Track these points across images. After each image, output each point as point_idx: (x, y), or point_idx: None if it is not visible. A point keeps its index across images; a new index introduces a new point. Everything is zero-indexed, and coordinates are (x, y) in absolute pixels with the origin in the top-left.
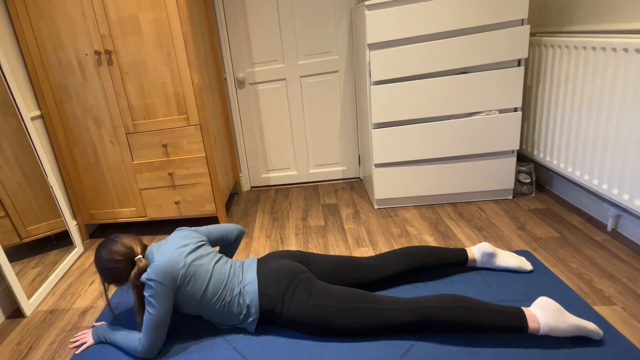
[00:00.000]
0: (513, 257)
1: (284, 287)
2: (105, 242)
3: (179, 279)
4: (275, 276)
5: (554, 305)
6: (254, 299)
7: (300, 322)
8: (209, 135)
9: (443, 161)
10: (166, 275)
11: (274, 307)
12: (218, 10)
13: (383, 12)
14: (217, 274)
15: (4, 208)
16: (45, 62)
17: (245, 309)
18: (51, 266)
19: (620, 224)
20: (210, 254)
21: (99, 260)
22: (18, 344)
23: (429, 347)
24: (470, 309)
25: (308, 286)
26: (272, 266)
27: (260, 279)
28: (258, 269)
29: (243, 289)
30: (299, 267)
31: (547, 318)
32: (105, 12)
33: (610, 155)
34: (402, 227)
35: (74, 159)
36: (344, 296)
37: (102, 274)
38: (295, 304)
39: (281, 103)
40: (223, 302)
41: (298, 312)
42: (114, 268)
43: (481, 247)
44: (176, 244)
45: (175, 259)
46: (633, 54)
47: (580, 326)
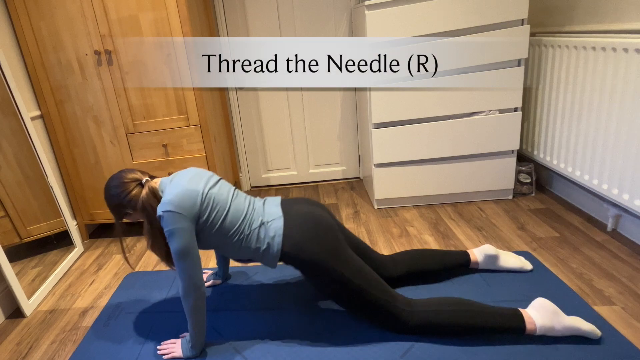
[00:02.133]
0: (514, 258)
1: (312, 232)
2: (112, 176)
3: (197, 207)
4: (304, 220)
5: (549, 306)
6: (277, 236)
7: (316, 272)
8: (209, 135)
9: (443, 161)
10: (184, 205)
11: (297, 250)
12: (218, 10)
13: (383, 12)
14: (235, 205)
15: (4, 208)
16: (45, 62)
17: (266, 245)
18: (51, 266)
19: (620, 224)
20: (227, 186)
21: (108, 189)
22: (18, 344)
23: (429, 347)
24: (470, 312)
25: (339, 245)
26: (303, 209)
27: (287, 218)
28: (283, 208)
29: (266, 224)
30: (331, 221)
31: (543, 319)
32: (105, 12)
33: (610, 155)
34: (402, 227)
35: (74, 159)
36: (368, 274)
37: (113, 205)
38: (319, 253)
39: (281, 103)
40: (241, 236)
41: (317, 264)
42: (123, 192)
43: (484, 249)
44: (191, 173)
45: (193, 187)
46: (633, 54)
47: (574, 327)
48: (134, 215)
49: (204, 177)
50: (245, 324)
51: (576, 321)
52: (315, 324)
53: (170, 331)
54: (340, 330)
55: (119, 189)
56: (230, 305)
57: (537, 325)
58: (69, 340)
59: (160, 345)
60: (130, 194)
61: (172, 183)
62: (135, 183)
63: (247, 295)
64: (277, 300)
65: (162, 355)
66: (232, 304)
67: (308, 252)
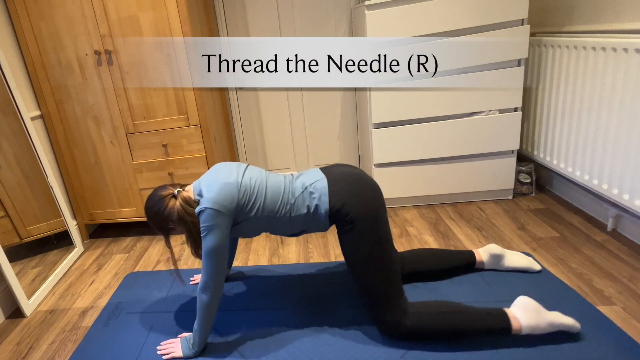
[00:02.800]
0: (521, 258)
1: (358, 188)
2: (148, 197)
3: (236, 199)
4: (347, 177)
5: (532, 305)
6: (323, 195)
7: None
8: (209, 135)
9: (443, 161)
10: (224, 201)
11: (344, 204)
12: (218, 10)
13: (383, 12)
14: (272, 184)
15: (4, 208)
16: (45, 62)
17: (314, 207)
18: (51, 266)
19: (620, 224)
20: (257, 169)
21: (147, 211)
22: (18, 344)
23: (429, 347)
24: (460, 315)
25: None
26: (344, 169)
27: (330, 178)
28: (324, 171)
29: (310, 187)
30: (374, 181)
31: (527, 318)
32: (105, 12)
33: (610, 155)
34: (402, 227)
35: (74, 159)
36: (395, 255)
37: (156, 223)
38: (365, 210)
39: (281, 103)
40: (288, 206)
41: (361, 220)
42: (160, 209)
43: (489, 248)
44: (221, 168)
45: (229, 180)
46: (633, 54)
47: (557, 323)
48: (177, 227)
49: (233, 169)
50: (245, 324)
51: (557, 317)
52: (315, 324)
53: (170, 331)
54: (341, 331)
55: (156, 207)
56: (230, 305)
57: (522, 324)
58: (69, 340)
59: (160, 345)
60: (167, 208)
61: (205, 183)
62: (169, 197)
63: (247, 295)
64: (277, 300)
65: (161, 356)
66: (232, 304)
67: (355, 207)
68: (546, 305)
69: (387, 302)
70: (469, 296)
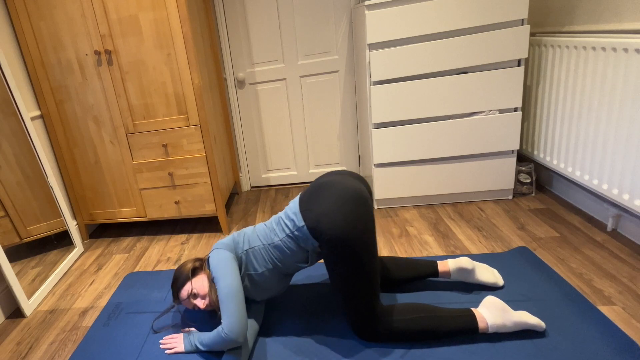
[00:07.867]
0: (490, 273)
1: (333, 202)
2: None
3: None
4: (321, 190)
5: (499, 304)
6: (297, 213)
7: (333, 248)
8: (209, 135)
9: (443, 161)
10: (228, 247)
11: (316, 223)
12: (218, 10)
13: (383, 12)
14: (258, 231)
15: (4, 208)
16: (45, 62)
17: (292, 225)
18: (51, 266)
19: (620, 224)
20: (249, 229)
21: (176, 281)
22: (18, 344)
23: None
24: (430, 318)
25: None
26: (324, 180)
27: (302, 196)
28: (313, 183)
29: (284, 214)
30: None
31: (494, 317)
32: (105, 12)
33: (610, 155)
34: (402, 227)
35: (74, 159)
36: (377, 266)
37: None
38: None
39: (281, 103)
40: (277, 246)
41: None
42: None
43: (460, 262)
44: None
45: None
46: (633, 54)
47: (523, 322)
48: None
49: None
50: None
51: (523, 316)
52: (316, 324)
53: (170, 331)
54: (341, 331)
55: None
56: None
57: (488, 323)
58: (69, 340)
59: (163, 339)
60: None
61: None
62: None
63: None
64: (277, 300)
65: (163, 350)
66: None
67: (330, 226)
68: (546, 304)
69: (361, 313)
70: (469, 296)
